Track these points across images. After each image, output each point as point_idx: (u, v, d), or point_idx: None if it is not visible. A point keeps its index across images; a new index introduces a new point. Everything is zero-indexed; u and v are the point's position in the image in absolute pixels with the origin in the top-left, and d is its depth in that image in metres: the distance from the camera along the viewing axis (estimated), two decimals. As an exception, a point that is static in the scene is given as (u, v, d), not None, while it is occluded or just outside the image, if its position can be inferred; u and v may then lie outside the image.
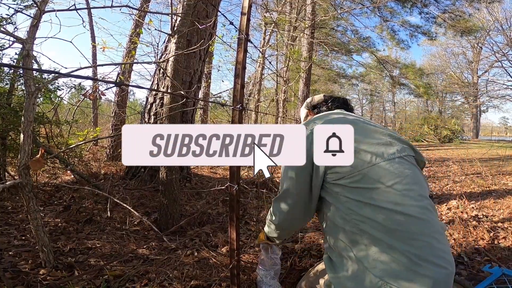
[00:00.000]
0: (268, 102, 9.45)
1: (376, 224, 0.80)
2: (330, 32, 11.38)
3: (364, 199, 0.84)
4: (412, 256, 0.76)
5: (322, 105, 1.28)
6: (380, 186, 0.84)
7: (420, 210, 0.82)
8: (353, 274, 0.82)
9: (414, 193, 0.85)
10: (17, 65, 2.46)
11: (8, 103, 2.49)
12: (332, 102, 1.27)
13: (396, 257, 0.77)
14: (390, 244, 0.78)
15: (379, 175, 0.86)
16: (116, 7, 1.71)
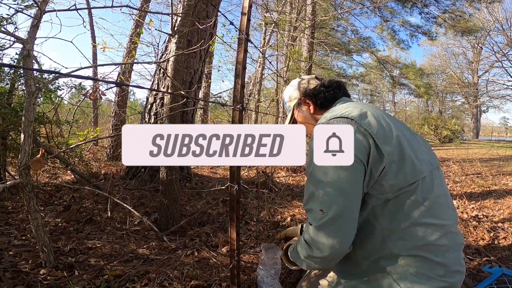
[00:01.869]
0: (268, 102, 9.44)
1: (416, 238, 0.77)
2: (330, 32, 11.38)
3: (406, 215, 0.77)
4: (445, 268, 0.77)
5: (323, 92, 1.03)
6: (428, 199, 0.78)
7: (455, 224, 0.83)
8: (376, 283, 0.80)
9: (448, 205, 0.84)
10: (17, 65, 2.47)
11: (9, 103, 2.49)
12: (337, 89, 1.04)
13: (430, 270, 0.76)
14: (425, 257, 0.76)
15: (427, 187, 0.79)
16: (117, 7, 1.71)
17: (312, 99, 1.05)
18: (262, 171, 3.80)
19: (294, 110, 1.11)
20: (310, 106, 1.05)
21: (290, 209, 2.76)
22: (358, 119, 0.80)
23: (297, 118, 1.11)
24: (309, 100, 1.05)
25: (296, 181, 4.24)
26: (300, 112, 1.09)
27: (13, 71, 2.56)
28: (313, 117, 1.06)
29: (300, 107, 1.09)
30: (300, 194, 3.46)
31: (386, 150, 0.76)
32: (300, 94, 1.09)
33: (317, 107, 1.04)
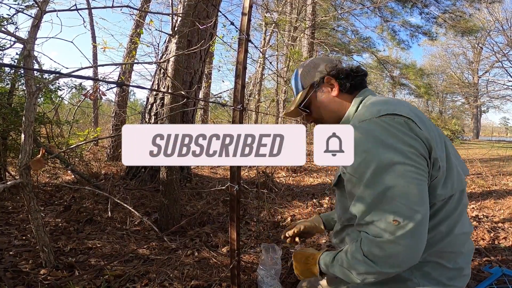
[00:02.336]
0: (269, 102, 9.45)
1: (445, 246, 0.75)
2: (331, 33, 11.39)
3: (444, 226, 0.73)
4: (458, 272, 0.77)
5: (351, 76, 0.89)
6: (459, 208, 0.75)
7: (471, 230, 0.82)
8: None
9: (467, 213, 0.83)
10: (18, 65, 2.47)
11: (9, 103, 2.49)
12: (364, 76, 0.92)
13: (445, 275, 0.76)
14: (442, 263, 0.76)
15: (460, 196, 0.76)
16: (117, 7, 1.71)
17: (339, 80, 0.89)
18: (262, 171, 3.81)
19: (310, 90, 0.92)
20: (334, 88, 0.89)
21: (290, 209, 2.76)
22: (414, 118, 0.70)
23: (312, 100, 0.92)
24: (334, 81, 0.89)
25: (296, 181, 4.24)
26: (319, 93, 0.91)
27: (13, 71, 2.56)
28: (334, 101, 0.90)
29: (320, 87, 0.91)
30: (300, 194, 3.45)
31: (440, 155, 0.70)
32: (326, 71, 0.90)
33: (342, 90, 0.89)
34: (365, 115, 0.74)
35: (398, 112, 0.69)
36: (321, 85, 0.91)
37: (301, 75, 0.95)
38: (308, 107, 0.93)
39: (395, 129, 0.67)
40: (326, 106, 0.90)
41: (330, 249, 0.90)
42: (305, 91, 0.93)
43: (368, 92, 0.89)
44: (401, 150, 0.65)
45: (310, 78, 0.93)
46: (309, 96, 0.92)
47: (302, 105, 0.92)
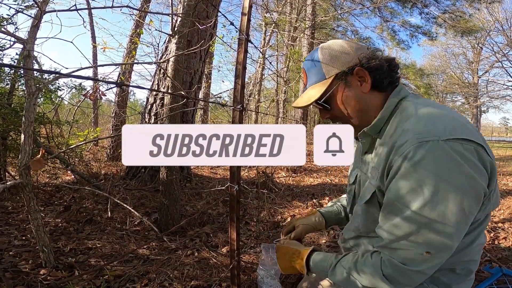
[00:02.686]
0: (269, 102, 9.46)
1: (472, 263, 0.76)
2: (331, 33, 11.39)
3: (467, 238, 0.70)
4: (469, 275, 0.79)
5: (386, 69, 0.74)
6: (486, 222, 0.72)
7: (486, 240, 0.84)
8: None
9: None
10: (18, 66, 2.47)
11: (9, 103, 2.49)
12: (398, 69, 0.78)
13: (460, 281, 0.77)
14: (462, 273, 0.76)
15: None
16: (117, 7, 1.71)
17: (372, 74, 0.72)
18: (262, 171, 3.80)
19: (335, 82, 0.74)
20: (366, 82, 0.73)
21: (290, 209, 2.76)
22: (484, 143, 0.60)
23: (336, 95, 0.75)
24: (367, 74, 0.72)
25: (296, 181, 4.24)
26: (346, 87, 0.74)
27: (13, 72, 2.56)
28: (363, 98, 0.74)
29: (348, 79, 0.73)
30: (300, 194, 3.45)
31: (494, 186, 0.65)
32: (358, 60, 0.73)
33: (373, 87, 0.74)
34: (428, 131, 0.60)
35: (468, 137, 0.59)
36: (349, 77, 0.73)
37: (324, 59, 0.75)
38: (328, 102, 0.76)
39: (464, 160, 0.57)
40: (353, 104, 0.74)
41: (317, 247, 0.87)
42: (327, 82, 0.74)
43: (404, 91, 0.75)
44: (462, 189, 0.57)
45: (336, 66, 0.74)
46: (332, 89, 0.74)
47: (323, 99, 0.75)
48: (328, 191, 3.61)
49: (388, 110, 0.72)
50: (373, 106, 0.75)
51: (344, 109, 0.76)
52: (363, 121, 0.76)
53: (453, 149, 0.57)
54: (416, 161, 0.58)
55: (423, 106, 0.67)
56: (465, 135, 0.59)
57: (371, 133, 0.75)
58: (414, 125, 0.63)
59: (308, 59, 0.81)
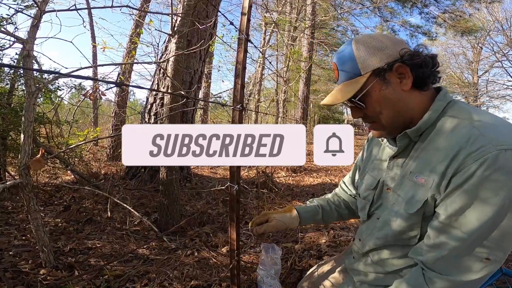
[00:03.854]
0: (268, 102, 9.45)
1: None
2: (330, 32, 11.39)
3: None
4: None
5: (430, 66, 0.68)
6: None
7: None
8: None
9: None
10: (17, 65, 2.47)
11: (9, 103, 2.49)
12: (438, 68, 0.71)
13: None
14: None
15: None
16: (117, 7, 1.71)
17: (416, 71, 0.66)
18: (262, 171, 3.80)
19: (372, 79, 0.67)
20: (408, 79, 0.67)
21: (290, 209, 2.76)
22: None
23: (372, 92, 0.68)
24: (408, 71, 0.66)
25: (296, 181, 4.24)
26: (384, 85, 0.67)
27: (13, 71, 2.56)
28: (403, 97, 0.68)
29: (386, 77, 0.67)
30: (300, 194, 3.45)
31: None
32: (399, 56, 0.67)
33: (414, 85, 0.68)
34: (503, 139, 0.57)
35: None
36: (388, 74, 0.67)
37: (360, 54, 0.68)
38: (362, 101, 0.69)
39: None
40: (391, 104, 0.68)
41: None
42: (363, 79, 0.67)
43: (449, 96, 0.70)
44: None
45: (374, 61, 0.67)
46: (368, 87, 0.67)
47: (358, 97, 0.69)
48: (328, 191, 3.60)
49: (435, 114, 0.67)
50: (412, 107, 0.69)
51: (380, 108, 0.69)
52: (399, 122, 0.70)
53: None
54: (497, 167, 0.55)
55: (480, 113, 0.64)
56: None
57: (411, 136, 0.69)
58: (485, 132, 0.59)
59: (340, 53, 0.72)
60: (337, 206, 1.08)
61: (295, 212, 1.04)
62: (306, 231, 2.17)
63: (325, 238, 2.06)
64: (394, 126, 0.71)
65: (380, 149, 0.85)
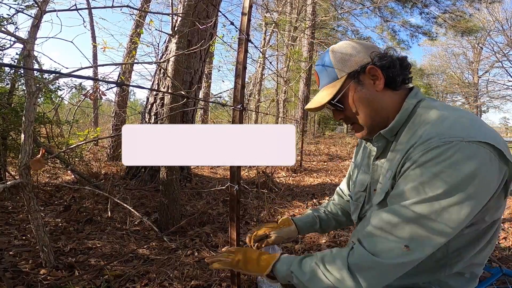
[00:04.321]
0: (269, 102, 9.45)
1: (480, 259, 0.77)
2: (331, 32, 11.40)
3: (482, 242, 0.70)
4: (475, 279, 0.78)
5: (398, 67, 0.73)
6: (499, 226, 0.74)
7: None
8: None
9: None
10: (18, 65, 2.47)
11: (9, 103, 2.49)
12: (410, 68, 0.76)
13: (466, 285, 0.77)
14: (468, 277, 0.78)
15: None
16: (117, 7, 1.71)
17: (386, 71, 0.71)
18: (262, 171, 3.81)
19: (348, 81, 0.73)
20: (380, 80, 0.72)
21: (290, 209, 2.76)
22: (504, 148, 0.60)
23: (349, 94, 0.74)
24: (380, 72, 0.71)
25: (296, 181, 4.24)
26: (358, 86, 0.73)
27: (13, 71, 2.56)
28: (377, 97, 0.73)
29: (361, 78, 0.73)
30: (300, 194, 3.45)
31: (508, 191, 0.65)
32: (370, 59, 0.72)
33: (388, 85, 0.73)
34: (450, 132, 0.60)
35: (489, 141, 0.59)
36: (362, 76, 0.73)
37: (336, 60, 0.75)
38: (341, 102, 0.75)
39: (481, 164, 0.57)
40: (366, 103, 0.73)
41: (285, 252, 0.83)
42: (340, 82, 0.73)
43: (420, 94, 0.74)
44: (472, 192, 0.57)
45: (348, 65, 0.73)
46: (345, 89, 0.73)
47: (336, 99, 0.74)
48: (328, 191, 3.61)
49: (405, 113, 0.71)
50: (386, 106, 0.73)
51: (357, 108, 0.74)
52: (375, 121, 0.74)
53: (473, 151, 0.57)
54: (433, 156, 0.58)
55: (442, 109, 0.67)
56: (487, 139, 0.58)
57: (387, 136, 0.73)
58: (436, 127, 0.62)
59: (319, 62, 0.79)
60: (334, 214, 1.08)
61: (294, 226, 1.04)
62: (306, 231, 2.18)
63: (325, 238, 2.06)
64: (372, 125, 0.75)
65: (367, 152, 0.86)
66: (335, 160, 6.87)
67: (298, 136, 5.71)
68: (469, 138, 0.58)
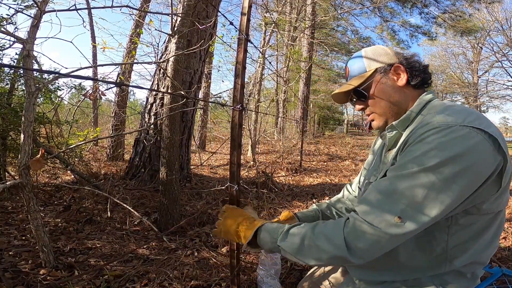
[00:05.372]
0: (268, 102, 9.45)
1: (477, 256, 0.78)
2: (330, 32, 11.40)
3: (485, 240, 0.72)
4: (475, 279, 0.79)
5: (421, 70, 0.81)
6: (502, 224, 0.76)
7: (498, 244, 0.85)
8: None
9: None
10: (17, 66, 2.47)
11: (9, 103, 2.49)
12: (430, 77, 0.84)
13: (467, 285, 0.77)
14: (469, 277, 0.79)
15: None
16: (117, 7, 1.71)
17: (410, 71, 0.80)
18: (262, 171, 3.81)
19: (373, 74, 0.82)
20: (403, 77, 0.80)
21: (290, 209, 2.76)
22: (500, 138, 0.63)
23: (373, 85, 0.82)
24: (404, 70, 0.80)
25: (296, 181, 4.24)
26: (383, 79, 0.81)
27: (13, 71, 2.56)
28: (398, 91, 0.81)
29: (387, 73, 0.81)
30: (300, 194, 3.46)
31: (506, 182, 0.67)
32: (396, 59, 0.82)
33: (409, 83, 0.81)
34: (448, 120, 0.64)
35: (486, 129, 0.62)
36: (388, 72, 0.81)
37: (367, 57, 0.85)
38: (365, 91, 0.83)
39: (473, 147, 0.60)
40: (388, 95, 0.80)
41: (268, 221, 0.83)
42: (368, 74, 0.82)
43: (433, 95, 0.80)
44: (464, 173, 0.60)
45: (378, 62, 0.83)
46: (371, 80, 0.82)
47: (362, 87, 0.82)
48: (328, 191, 3.61)
49: (418, 107, 0.77)
50: (405, 100, 0.80)
51: (378, 98, 0.81)
52: (392, 113, 0.81)
53: (467, 134, 0.61)
54: (429, 135, 0.63)
55: (448, 104, 0.73)
56: (483, 126, 0.62)
57: (398, 127, 0.78)
58: (436, 116, 0.67)
59: (353, 57, 0.89)
60: (338, 209, 1.09)
61: (296, 220, 1.06)
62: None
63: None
64: (390, 116, 0.81)
65: (382, 145, 0.90)
66: (335, 160, 6.87)
67: (298, 136, 5.70)
68: (465, 123, 0.62)
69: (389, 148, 0.82)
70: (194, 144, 6.25)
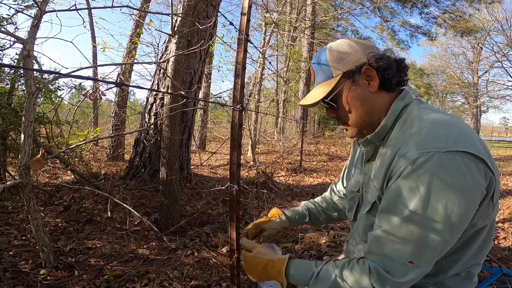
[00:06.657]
0: (268, 102, 9.45)
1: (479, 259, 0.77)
2: (330, 33, 11.40)
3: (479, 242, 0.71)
4: (472, 278, 0.78)
5: (394, 69, 0.71)
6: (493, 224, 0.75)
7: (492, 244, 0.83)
8: None
9: None
10: (17, 66, 2.47)
11: (9, 103, 2.49)
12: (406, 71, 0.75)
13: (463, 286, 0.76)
14: (464, 276, 0.78)
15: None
16: (117, 7, 1.71)
17: (381, 73, 0.70)
18: (262, 171, 3.81)
19: (342, 81, 0.72)
20: (374, 81, 0.71)
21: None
22: (485, 156, 0.60)
23: (342, 93, 0.73)
24: (375, 73, 0.70)
25: (296, 181, 4.24)
26: (352, 85, 0.72)
27: (13, 71, 2.56)
28: (370, 98, 0.72)
29: (355, 78, 0.71)
30: (300, 194, 3.45)
31: (496, 197, 0.66)
32: (366, 59, 0.71)
33: (381, 86, 0.72)
34: (429, 142, 0.60)
35: (469, 150, 0.58)
36: (357, 76, 0.71)
37: (332, 58, 0.74)
38: (334, 101, 0.74)
39: (461, 175, 0.58)
40: (359, 103, 0.72)
41: (292, 255, 0.81)
42: (335, 81, 0.72)
43: (409, 97, 0.73)
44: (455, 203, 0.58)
45: (344, 65, 0.72)
46: (339, 88, 0.72)
47: (330, 98, 0.73)
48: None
49: (392, 117, 0.71)
50: (379, 107, 0.73)
51: (350, 108, 0.73)
52: (366, 122, 0.74)
53: (452, 162, 0.57)
54: (413, 169, 0.59)
55: (427, 113, 0.67)
56: (467, 147, 0.58)
57: (374, 141, 0.74)
58: (416, 134, 0.63)
59: (316, 58, 0.79)
60: (325, 208, 1.10)
61: (284, 216, 1.08)
62: (306, 231, 2.17)
63: (325, 238, 2.06)
64: (362, 126, 0.75)
65: (359, 151, 0.87)
66: (335, 160, 6.87)
67: (298, 136, 5.70)
68: (448, 147, 0.58)
69: (368, 158, 0.79)
70: (194, 144, 6.25)
